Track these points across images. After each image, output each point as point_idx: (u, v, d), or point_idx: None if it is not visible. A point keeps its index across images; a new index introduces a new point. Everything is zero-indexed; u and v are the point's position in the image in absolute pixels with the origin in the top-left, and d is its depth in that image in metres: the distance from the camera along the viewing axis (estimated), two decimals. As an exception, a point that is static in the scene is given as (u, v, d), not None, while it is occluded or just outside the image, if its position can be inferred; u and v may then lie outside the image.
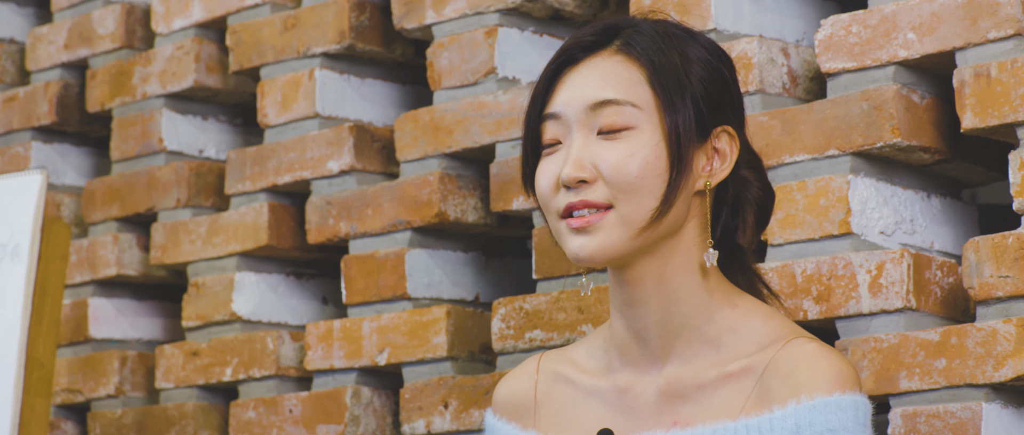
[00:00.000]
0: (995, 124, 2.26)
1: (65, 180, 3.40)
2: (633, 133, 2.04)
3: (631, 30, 2.09)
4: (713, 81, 2.08)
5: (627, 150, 2.03)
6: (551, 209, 2.08)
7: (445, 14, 2.81)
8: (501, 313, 2.68)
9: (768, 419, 1.99)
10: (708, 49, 2.10)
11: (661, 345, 2.09)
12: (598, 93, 2.05)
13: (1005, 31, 2.26)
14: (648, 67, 2.06)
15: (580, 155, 2.04)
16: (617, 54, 2.08)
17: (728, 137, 2.08)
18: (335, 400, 2.84)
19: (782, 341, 2.04)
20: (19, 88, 3.44)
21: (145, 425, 3.11)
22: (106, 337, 3.23)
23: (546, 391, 2.18)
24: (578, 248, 2.05)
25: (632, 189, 2.03)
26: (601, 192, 2.04)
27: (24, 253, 2.70)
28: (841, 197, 2.36)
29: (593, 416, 2.12)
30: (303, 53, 2.98)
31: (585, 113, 2.05)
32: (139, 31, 3.30)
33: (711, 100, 2.07)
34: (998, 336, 2.20)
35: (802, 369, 2.00)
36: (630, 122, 2.04)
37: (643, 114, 2.04)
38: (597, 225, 2.04)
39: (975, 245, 2.25)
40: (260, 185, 3.01)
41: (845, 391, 1.99)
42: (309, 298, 3.08)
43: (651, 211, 2.03)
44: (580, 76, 2.08)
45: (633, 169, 2.03)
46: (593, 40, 2.08)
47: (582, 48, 2.09)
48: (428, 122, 2.81)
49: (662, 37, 2.08)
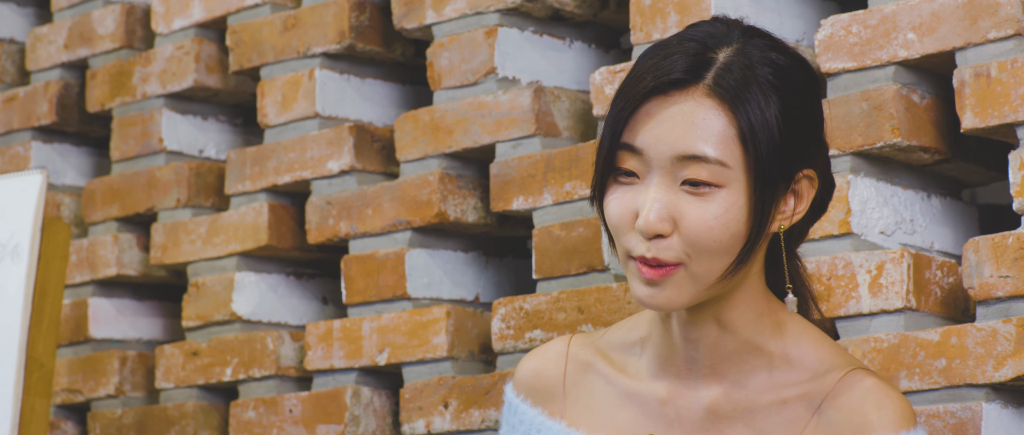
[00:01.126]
0: (995, 124, 2.26)
1: (65, 180, 3.40)
2: (719, 192, 1.95)
3: (723, 68, 1.97)
4: (804, 126, 1.99)
5: (712, 211, 1.95)
6: (621, 244, 2.00)
7: (445, 14, 2.81)
8: (501, 313, 2.68)
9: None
10: (796, 78, 1.99)
11: (710, 365, 2.04)
12: (688, 146, 1.95)
13: (1005, 31, 2.26)
14: (741, 121, 1.95)
15: (662, 206, 1.96)
16: (709, 98, 1.96)
17: (808, 181, 2.01)
18: (335, 400, 2.84)
19: (839, 371, 2.00)
20: (19, 88, 3.44)
21: (145, 425, 3.11)
22: (106, 337, 3.23)
23: (576, 380, 2.12)
24: (647, 297, 1.98)
25: (709, 249, 1.95)
26: (675, 250, 1.96)
27: (24, 253, 2.70)
28: (841, 197, 2.36)
29: (631, 420, 2.06)
30: (303, 53, 2.98)
31: (669, 161, 1.96)
32: (139, 31, 3.30)
33: (800, 147, 1.98)
34: (998, 336, 2.20)
35: (868, 407, 1.97)
36: (717, 179, 1.95)
37: (731, 173, 1.95)
38: (666, 280, 1.97)
39: (975, 245, 2.25)
40: (260, 185, 3.01)
41: (909, 430, 1.96)
42: (309, 298, 3.08)
43: (723, 269, 1.97)
44: (668, 115, 1.97)
45: (715, 232, 1.95)
46: (682, 76, 1.97)
47: (674, 83, 1.97)
48: (428, 122, 2.81)
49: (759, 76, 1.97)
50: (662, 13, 2.57)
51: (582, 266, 2.61)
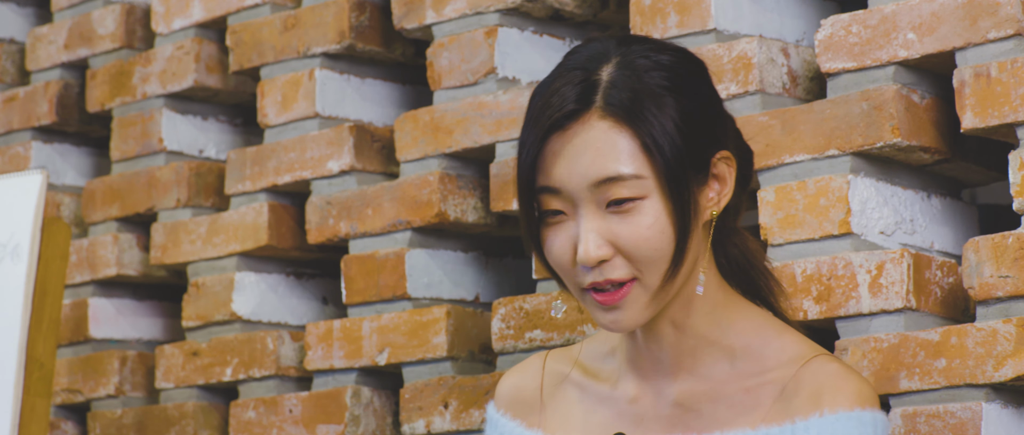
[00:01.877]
0: (995, 124, 2.26)
1: (65, 180, 3.40)
2: (643, 203, 1.99)
3: (609, 86, 2.00)
4: (697, 114, 2.02)
5: (643, 223, 1.99)
6: (572, 282, 2.04)
7: (445, 14, 2.81)
8: (501, 313, 2.68)
9: (790, 429, 1.99)
10: (684, 73, 2.03)
11: (674, 362, 2.09)
12: (600, 170, 1.99)
13: (1005, 31, 2.26)
14: (639, 132, 1.99)
15: (595, 234, 2.00)
16: (604, 120, 2.00)
17: (725, 162, 2.05)
18: (335, 400, 2.84)
19: (803, 359, 2.04)
20: (19, 88, 3.44)
21: (145, 425, 3.11)
22: (106, 337, 3.23)
23: (552, 391, 2.18)
24: (611, 322, 2.03)
25: (653, 259, 1.99)
26: (622, 268, 2.00)
27: (24, 253, 2.70)
28: (841, 197, 2.36)
29: (602, 422, 2.11)
30: (303, 53, 2.98)
31: (588, 190, 2.00)
32: (139, 31, 3.30)
33: (700, 136, 2.02)
34: (998, 336, 2.20)
35: (825, 385, 2.00)
36: (637, 192, 1.99)
37: (648, 182, 1.99)
38: (624, 300, 2.01)
39: (975, 245, 2.25)
40: (260, 185, 3.01)
41: (865, 408, 1.99)
42: (309, 298, 3.08)
43: (674, 274, 2.01)
44: (573, 148, 2.01)
45: (653, 241, 1.99)
46: (574, 107, 2.01)
47: (566, 116, 2.01)
48: (428, 122, 2.81)
49: (642, 82, 2.00)
50: (662, 13, 2.57)
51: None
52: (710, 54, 2.50)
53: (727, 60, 2.49)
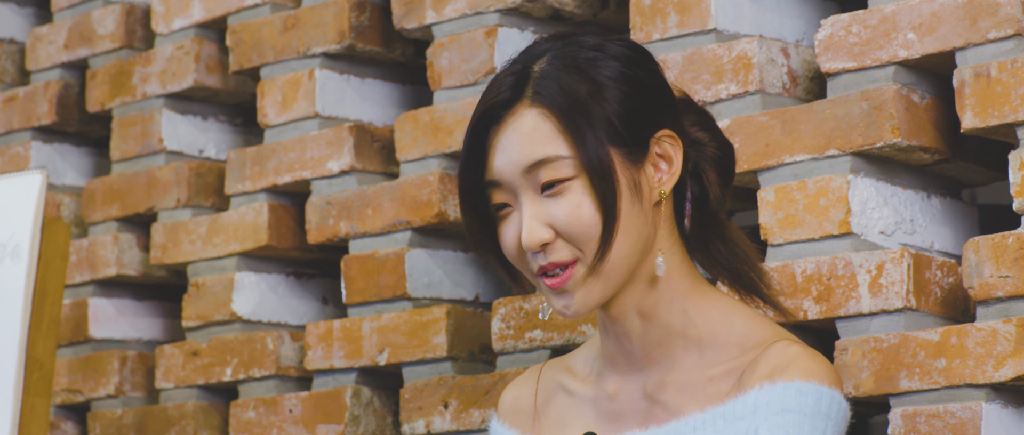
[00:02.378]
0: (995, 124, 2.26)
1: (65, 180, 3.40)
2: (573, 183, 2.05)
3: (539, 76, 2.08)
4: (632, 95, 2.07)
5: (572, 202, 2.05)
6: (525, 268, 2.11)
7: (445, 14, 2.81)
8: (501, 313, 2.68)
9: (732, 404, 2.02)
10: (622, 60, 2.09)
11: (644, 354, 2.12)
12: (526, 156, 2.06)
13: (1005, 31, 2.26)
14: (558, 114, 2.05)
15: (532, 221, 2.06)
16: (532, 108, 2.07)
17: (669, 140, 2.09)
18: (335, 400, 2.84)
19: (765, 344, 2.06)
20: (19, 88, 3.44)
21: (145, 425, 3.11)
22: (106, 337, 3.23)
23: (546, 399, 2.22)
24: (563, 308, 2.09)
25: (587, 238, 2.05)
26: (564, 250, 2.06)
27: (24, 253, 2.70)
28: (841, 197, 2.36)
29: (585, 422, 2.16)
30: (303, 53, 2.98)
31: (522, 177, 2.06)
32: (139, 31, 3.30)
33: (635, 116, 2.07)
34: (998, 336, 2.20)
35: (781, 365, 2.03)
36: (566, 174, 2.05)
37: (572, 162, 2.05)
38: (572, 282, 2.07)
39: (975, 245, 2.25)
40: (260, 185, 3.01)
41: (810, 380, 2.01)
42: (309, 298, 3.08)
43: (620, 257, 2.05)
44: (505, 139, 2.08)
45: (584, 219, 2.05)
46: (508, 96, 2.08)
47: (500, 106, 2.08)
48: (428, 122, 2.81)
49: (569, 71, 2.07)
50: (662, 13, 2.57)
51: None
52: (710, 54, 2.50)
53: (727, 60, 2.49)
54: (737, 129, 2.45)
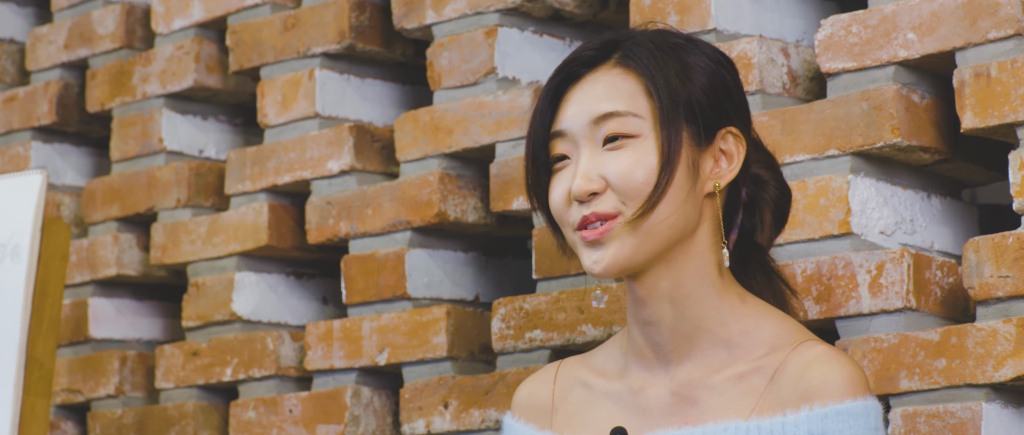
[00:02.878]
0: (995, 124, 2.26)
1: (65, 180, 3.40)
2: (637, 141, 2.08)
3: (630, 43, 2.12)
4: (713, 86, 2.12)
5: (632, 158, 2.07)
6: (566, 223, 2.12)
7: (445, 14, 2.81)
8: (501, 313, 2.68)
9: (781, 423, 2.02)
10: (709, 55, 2.13)
11: (674, 348, 2.13)
12: (600, 107, 2.09)
13: (1005, 31, 2.26)
14: (646, 76, 2.09)
15: (587, 168, 2.09)
16: (616, 67, 2.11)
17: (734, 138, 2.12)
18: (335, 400, 2.84)
19: (792, 344, 2.07)
20: (19, 88, 3.44)
21: (145, 425, 3.11)
22: (106, 337, 3.23)
23: (564, 395, 2.22)
24: (593, 263, 2.10)
25: (638, 194, 2.06)
26: (610, 202, 2.08)
27: (24, 253, 2.70)
28: (841, 197, 2.36)
29: (606, 416, 2.15)
30: (303, 53, 2.98)
31: (589, 127, 2.09)
32: (139, 31, 3.30)
33: (712, 103, 2.11)
34: (998, 336, 2.20)
35: (813, 373, 2.03)
36: (633, 131, 2.08)
37: (645, 123, 2.08)
38: (608, 235, 2.08)
39: (975, 245, 2.25)
40: (260, 185, 3.01)
41: (857, 397, 2.02)
42: (309, 298, 3.08)
43: (661, 219, 2.06)
44: (582, 92, 2.12)
45: (639, 175, 2.06)
46: (593, 54, 2.12)
47: (582, 63, 2.13)
48: (428, 122, 2.81)
49: (660, 47, 2.12)
50: (662, 13, 2.57)
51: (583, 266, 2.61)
52: (710, 54, 2.50)
53: (727, 60, 2.49)
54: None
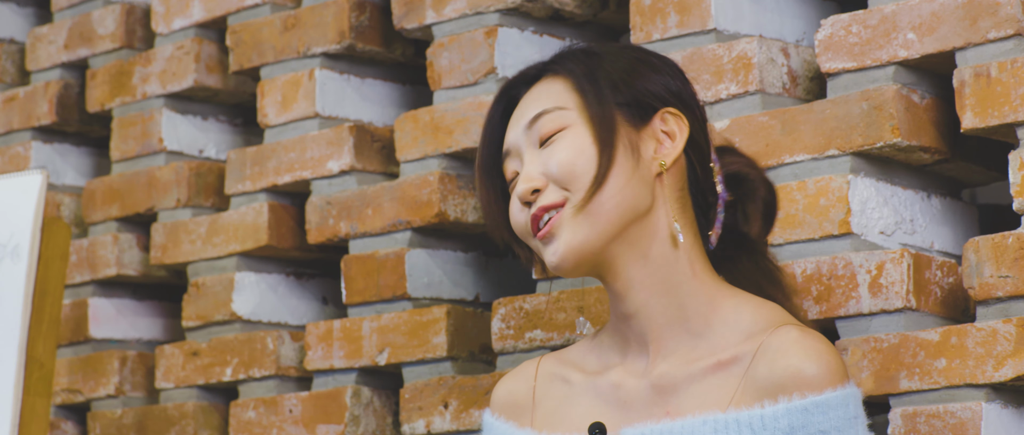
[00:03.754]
0: (995, 124, 2.26)
1: (65, 180, 3.40)
2: (567, 132, 2.12)
3: (556, 56, 2.19)
4: (640, 67, 2.16)
5: (563, 147, 2.11)
6: (527, 235, 2.16)
7: (445, 14, 2.81)
8: (501, 313, 2.68)
9: (759, 415, 2.02)
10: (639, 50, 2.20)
11: (654, 339, 2.13)
12: (530, 110, 2.15)
13: (1005, 31, 2.26)
14: (570, 75, 2.15)
15: (529, 170, 2.14)
16: (546, 79, 2.17)
17: (674, 117, 2.15)
18: (335, 400, 2.84)
19: (771, 328, 2.07)
20: (19, 88, 3.44)
21: (145, 425, 3.11)
22: (106, 337, 3.23)
23: (544, 392, 2.22)
24: (551, 256, 2.13)
25: (575, 177, 2.10)
26: (553, 194, 2.12)
27: (24, 253, 2.70)
28: (841, 197, 2.36)
29: (585, 411, 2.16)
30: (303, 53, 2.98)
31: (525, 135, 2.15)
32: (139, 31, 3.30)
33: (642, 82, 2.15)
34: (998, 336, 2.20)
35: (791, 360, 2.03)
36: (561, 124, 2.13)
37: (572, 113, 2.13)
38: (558, 225, 2.11)
39: (975, 245, 2.25)
40: (260, 185, 3.01)
41: (836, 386, 2.02)
42: (309, 298, 3.08)
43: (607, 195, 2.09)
44: (519, 109, 2.18)
45: (571, 158, 2.10)
46: (526, 74, 2.19)
47: (522, 82, 2.20)
48: (428, 122, 2.81)
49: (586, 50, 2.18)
50: (662, 13, 2.57)
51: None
52: (710, 54, 2.50)
53: (727, 60, 2.49)
54: (737, 129, 2.45)
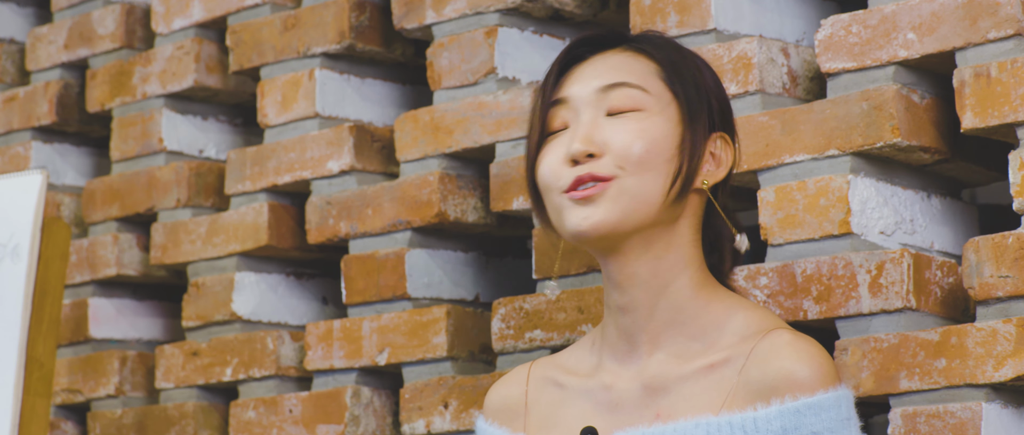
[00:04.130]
0: (995, 124, 2.26)
1: (65, 180, 3.40)
2: (642, 114, 2.07)
3: (639, 36, 2.14)
4: (719, 88, 2.15)
5: (636, 129, 2.06)
6: (554, 188, 2.08)
7: (445, 14, 2.81)
8: (501, 313, 2.68)
9: (752, 418, 2.01)
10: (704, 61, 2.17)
11: (648, 340, 2.12)
12: (611, 76, 2.08)
13: (1005, 31, 2.26)
14: (662, 62, 2.09)
15: (589, 130, 2.06)
16: (627, 51, 2.11)
17: (724, 143, 2.13)
18: (335, 400, 2.84)
19: (762, 333, 2.07)
20: (19, 88, 3.44)
21: (145, 425, 3.11)
22: (106, 337, 3.23)
23: (536, 397, 2.21)
24: (581, 220, 2.06)
25: (639, 165, 2.05)
26: (607, 166, 2.05)
27: (24, 253, 2.70)
28: (841, 197, 2.36)
29: (578, 415, 2.15)
30: (303, 53, 2.98)
31: (595, 95, 2.07)
32: (139, 31, 3.30)
33: (714, 107, 2.12)
34: (998, 336, 2.20)
35: (783, 363, 2.03)
36: (640, 104, 2.07)
37: (653, 100, 2.07)
38: (601, 195, 2.05)
39: (975, 245, 2.25)
40: (260, 185, 3.01)
41: (828, 388, 2.02)
42: (309, 298, 3.08)
43: (655, 189, 2.05)
44: (590, 68, 2.10)
45: (641, 145, 2.05)
46: (602, 37, 2.12)
47: (590, 45, 2.11)
48: (428, 122, 2.81)
49: (672, 43, 2.14)
50: (662, 13, 2.57)
51: (582, 266, 2.61)
52: (710, 54, 2.50)
53: (727, 60, 2.49)
54: (737, 129, 2.45)
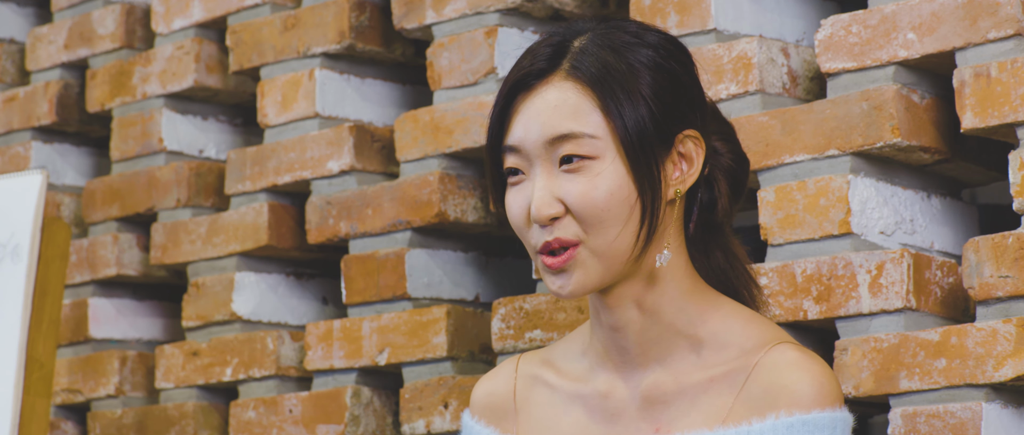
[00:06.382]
0: (995, 124, 2.26)
1: (65, 180, 3.40)
2: (594, 163, 2.01)
3: (578, 51, 2.05)
4: (666, 87, 2.04)
5: (589, 182, 2.01)
6: (528, 243, 2.06)
7: (445, 14, 2.82)
8: (501, 313, 2.68)
9: (747, 432, 1.99)
10: (658, 49, 2.06)
11: (641, 352, 2.08)
12: (554, 128, 2.02)
13: (1005, 31, 2.26)
14: (597, 92, 2.02)
15: (544, 193, 2.02)
16: (567, 80, 2.04)
17: (692, 141, 2.05)
18: (335, 400, 2.84)
19: (766, 346, 2.03)
20: (19, 88, 3.44)
21: (145, 425, 3.11)
22: (106, 337, 3.23)
23: (525, 395, 2.17)
24: (558, 288, 2.04)
25: (599, 221, 2.01)
26: (571, 229, 2.02)
27: (24, 253, 2.70)
28: (841, 197, 2.36)
29: (573, 421, 2.11)
30: (303, 53, 2.98)
31: (544, 147, 2.03)
32: (139, 31, 3.30)
33: (667, 108, 2.03)
34: (998, 336, 2.20)
35: (784, 379, 2.00)
36: (589, 152, 2.01)
37: (602, 143, 2.01)
38: (572, 263, 2.02)
39: (975, 245, 2.25)
40: (260, 185, 3.01)
41: (825, 408, 1.98)
42: (309, 298, 3.08)
43: (625, 240, 2.02)
44: (533, 106, 2.05)
45: (600, 202, 2.01)
46: (544, 66, 2.05)
47: (534, 75, 2.05)
48: (428, 122, 2.81)
49: (609, 51, 2.04)
50: (662, 13, 2.57)
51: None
52: (710, 54, 2.50)
53: (727, 60, 2.49)
54: (737, 129, 2.45)
